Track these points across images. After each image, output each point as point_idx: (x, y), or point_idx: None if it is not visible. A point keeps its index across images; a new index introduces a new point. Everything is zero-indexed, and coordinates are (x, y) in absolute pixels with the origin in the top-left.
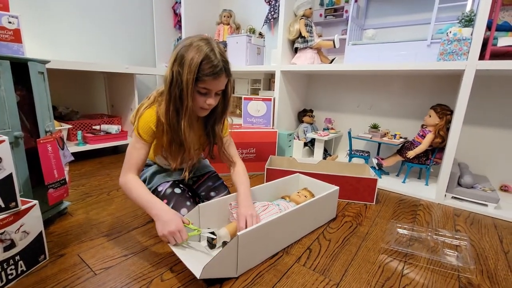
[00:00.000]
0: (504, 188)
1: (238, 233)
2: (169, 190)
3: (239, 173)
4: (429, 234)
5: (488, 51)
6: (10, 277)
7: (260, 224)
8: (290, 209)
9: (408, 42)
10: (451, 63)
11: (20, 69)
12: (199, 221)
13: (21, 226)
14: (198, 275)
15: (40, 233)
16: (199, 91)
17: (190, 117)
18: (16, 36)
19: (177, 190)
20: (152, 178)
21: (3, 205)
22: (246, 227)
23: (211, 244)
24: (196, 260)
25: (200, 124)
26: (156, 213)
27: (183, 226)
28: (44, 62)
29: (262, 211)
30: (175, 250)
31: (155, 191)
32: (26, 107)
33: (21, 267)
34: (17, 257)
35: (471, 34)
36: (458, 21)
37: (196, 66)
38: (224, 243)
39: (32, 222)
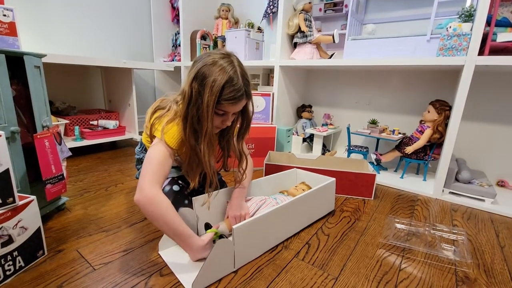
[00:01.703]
0: (501, 183)
1: (234, 227)
2: (167, 188)
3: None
4: (427, 229)
5: (487, 46)
6: (8, 272)
7: (256, 217)
8: (286, 202)
9: (408, 37)
10: (450, 59)
11: (15, 63)
12: (195, 214)
13: (19, 222)
14: None
15: (38, 229)
16: (217, 113)
17: (210, 139)
18: (11, 29)
19: (175, 188)
20: None
21: (0, 201)
22: None
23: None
24: (191, 269)
25: (215, 137)
26: (187, 244)
27: (210, 246)
28: (40, 56)
29: (260, 206)
30: (167, 261)
31: None
32: (23, 101)
33: (19, 262)
34: (15, 253)
35: (471, 29)
36: (458, 16)
37: (218, 90)
38: (221, 237)
39: (30, 218)
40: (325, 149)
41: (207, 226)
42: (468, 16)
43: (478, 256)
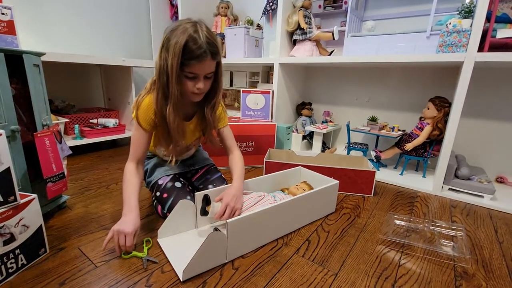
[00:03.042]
0: (499, 180)
1: (228, 220)
2: (169, 184)
3: (234, 160)
4: (426, 225)
5: (487, 43)
6: (10, 270)
7: (250, 213)
8: (282, 201)
9: (408, 34)
10: (450, 55)
11: (15, 61)
12: (195, 210)
13: (20, 220)
14: (181, 277)
15: (40, 227)
16: (187, 76)
17: (176, 104)
18: (9, 28)
19: (178, 184)
20: (153, 171)
21: (1, 199)
22: (224, 216)
23: (204, 211)
24: (186, 258)
25: (199, 110)
26: (124, 212)
27: (134, 235)
28: (39, 54)
29: (257, 201)
30: (164, 248)
31: (155, 184)
32: (22, 100)
33: (22, 260)
34: (17, 251)
35: (471, 26)
36: (457, 12)
37: (180, 50)
38: (216, 229)
39: (31, 216)
40: (325, 146)
41: (206, 199)
42: (468, 12)
43: (476, 251)
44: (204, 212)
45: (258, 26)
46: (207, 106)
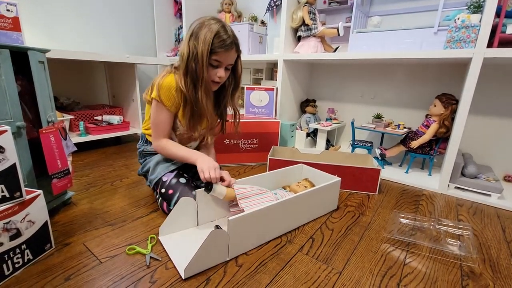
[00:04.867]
0: (507, 179)
1: (229, 218)
2: (174, 180)
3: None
4: (432, 223)
5: (496, 38)
6: (17, 265)
7: (252, 211)
8: (283, 198)
9: (414, 30)
10: (458, 51)
11: (20, 58)
12: (196, 207)
13: (26, 216)
14: (183, 275)
15: (46, 223)
16: (212, 64)
17: (207, 88)
18: (15, 25)
19: (182, 180)
20: (155, 168)
21: (8, 195)
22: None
23: (207, 189)
24: (187, 255)
25: (212, 101)
26: (197, 157)
27: (217, 167)
28: (44, 51)
29: (257, 193)
30: (166, 245)
31: (160, 181)
32: (27, 97)
33: (28, 255)
34: (24, 246)
35: (480, 21)
36: (466, 7)
37: (211, 39)
38: (217, 227)
39: (37, 212)
40: (329, 144)
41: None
42: (477, 7)
43: (484, 251)
44: (209, 190)
45: (262, 22)
46: (229, 99)
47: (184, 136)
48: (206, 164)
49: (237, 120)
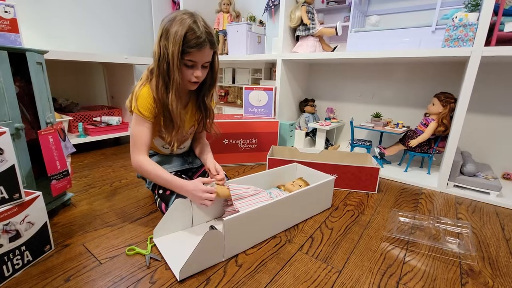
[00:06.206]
0: (506, 176)
1: (224, 219)
2: None
3: (206, 147)
4: (431, 222)
5: (494, 36)
6: (16, 266)
7: (246, 211)
8: (278, 198)
9: (412, 29)
10: (456, 50)
11: (18, 59)
12: (191, 207)
13: (25, 217)
14: (178, 277)
15: (45, 224)
16: (186, 64)
17: (178, 90)
18: (12, 26)
19: None
20: None
21: (7, 197)
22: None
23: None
24: (182, 257)
25: (193, 100)
26: (180, 190)
27: (204, 187)
28: (42, 52)
29: (253, 194)
30: (161, 247)
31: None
32: (26, 98)
33: (27, 257)
34: (23, 247)
35: (478, 19)
36: (464, 6)
37: (181, 38)
38: (212, 228)
39: (36, 213)
40: (328, 143)
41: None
42: (475, 6)
43: (483, 249)
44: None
45: (261, 22)
46: (207, 96)
47: (178, 136)
48: (191, 197)
49: (210, 120)
